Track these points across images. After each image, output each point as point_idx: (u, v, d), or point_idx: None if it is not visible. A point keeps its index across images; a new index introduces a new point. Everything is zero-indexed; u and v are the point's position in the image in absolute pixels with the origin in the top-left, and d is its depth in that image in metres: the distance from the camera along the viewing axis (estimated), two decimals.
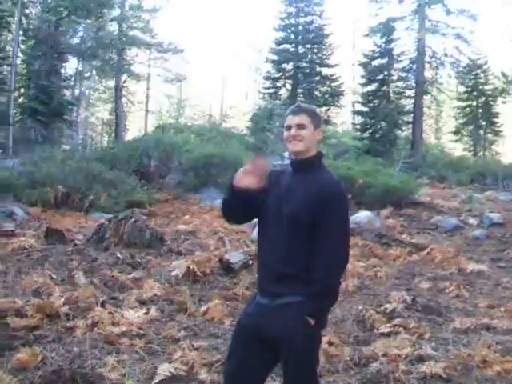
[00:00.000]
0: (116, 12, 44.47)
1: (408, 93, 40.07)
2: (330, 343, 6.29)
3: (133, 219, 11.21)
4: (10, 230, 11.81)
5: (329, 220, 3.41)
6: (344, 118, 56.62)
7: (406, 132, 41.30)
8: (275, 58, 41.41)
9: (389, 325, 7.06)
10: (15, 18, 35.73)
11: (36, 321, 6.54)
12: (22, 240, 10.58)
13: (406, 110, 39.62)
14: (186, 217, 16.59)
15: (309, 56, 40.54)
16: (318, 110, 3.86)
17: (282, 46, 41.09)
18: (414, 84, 39.42)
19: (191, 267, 9.20)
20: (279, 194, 3.58)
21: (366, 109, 40.05)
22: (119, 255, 9.96)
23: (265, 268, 3.65)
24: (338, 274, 3.55)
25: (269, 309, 3.49)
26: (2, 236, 11.24)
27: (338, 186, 3.52)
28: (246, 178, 3.55)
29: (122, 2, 45.35)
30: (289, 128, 3.61)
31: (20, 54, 38.72)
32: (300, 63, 40.25)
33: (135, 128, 61.83)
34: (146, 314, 7.21)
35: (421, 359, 5.90)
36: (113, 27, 44.29)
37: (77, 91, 49.38)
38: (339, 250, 3.49)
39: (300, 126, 3.56)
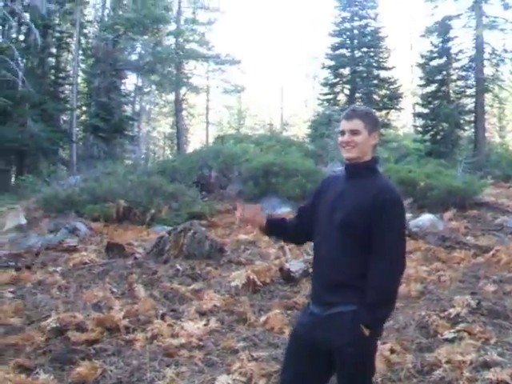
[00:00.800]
0: (172, 27, 45.03)
1: (468, 92, 39.18)
2: (392, 350, 6.14)
3: (192, 231, 11.23)
4: (73, 246, 11.98)
5: (385, 227, 3.32)
6: (405, 121, 56.15)
7: (468, 132, 40.47)
8: (332, 63, 41.23)
9: (453, 330, 6.86)
10: (74, 39, 36.56)
11: (96, 334, 6.60)
12: (83, 255, 10.72)
13: (467, 109, 38.78)
14: (248, 226, 16.54)
15: (365, 60, 40.24)
16: (374, 112, 3.76)
17: (338, 51, 40.92)
18: (474, 83, 38.63)
19: (251, 277, 9.14)
20: (332, 201, 3.52)
21: (426, 110, 39.42)
22: (179, 267, 9.98)
23: (318, 277, 3.60)
24: (395, 283, 3.43)
25: (321, 318, 3.44)
26: (64, 251, 11.42)
27: (393, 192, 3.42)
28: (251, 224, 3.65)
29: (178, 17, 45.93)
30: (343, 133, 3.53)
31: (80, 73, 39.59)
32: (357, 67, 39.99)
33: (197, 140, 62.50)
34: (206, 325, 7.18)
35: (486, 365, 5.69)
36: (169, 41, 44.82)
37: (137, 106, 50.24)
38: (395, 258, 3.37)
39: (353, 132, 3.48)
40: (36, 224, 15.42)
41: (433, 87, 39.02)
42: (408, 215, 16.20)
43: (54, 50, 37.13)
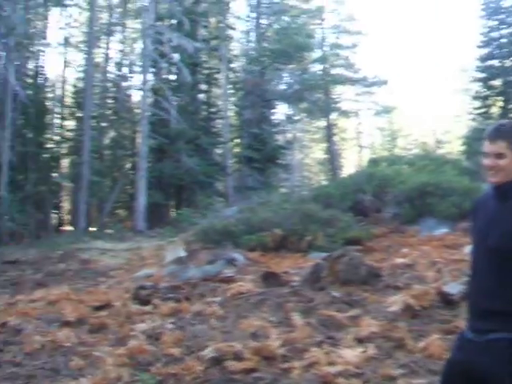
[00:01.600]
0: (316, 53, 45.39)
1: None
2: None
3: (347, 257, 11.14)
4: (230, 276, 12.19)
5: None
6: None
7: None
8: (482, 75, 39.93)
9: None
10: (222, 74, 37.73)
11: (253, 363, 6.62)
12: (240, 285, 10.86)
13: None
14: (404, 250, 16.15)
15: None
16: None
17: (487, 63, 39.54)
18: None
19: (409, 302, 8.92)
20: (484, 225, 3.33)
21: None
22: (335, 294, 9.89)
23: (472, 303, 3.42)
24: None
25: (477, 345, 3.23)
26: (221, 282, 11.62)
27: None
28: None
29: (321, 43, 46.22)
30: (486, 155, 3.30)
31: (231, 106, 40.67)
32: (509, 78, 38.41)
33: (350, 164, 62.37)
34: (364, 352, 7.04)
35: None
36: (315, 68, 45.18)
37: (289, 135, 50.76)
38: None
39: (497, 156, 3.22)
40: (195, 256, 15.81)
41: None
42: None
43: (203, 87, 38.50)
